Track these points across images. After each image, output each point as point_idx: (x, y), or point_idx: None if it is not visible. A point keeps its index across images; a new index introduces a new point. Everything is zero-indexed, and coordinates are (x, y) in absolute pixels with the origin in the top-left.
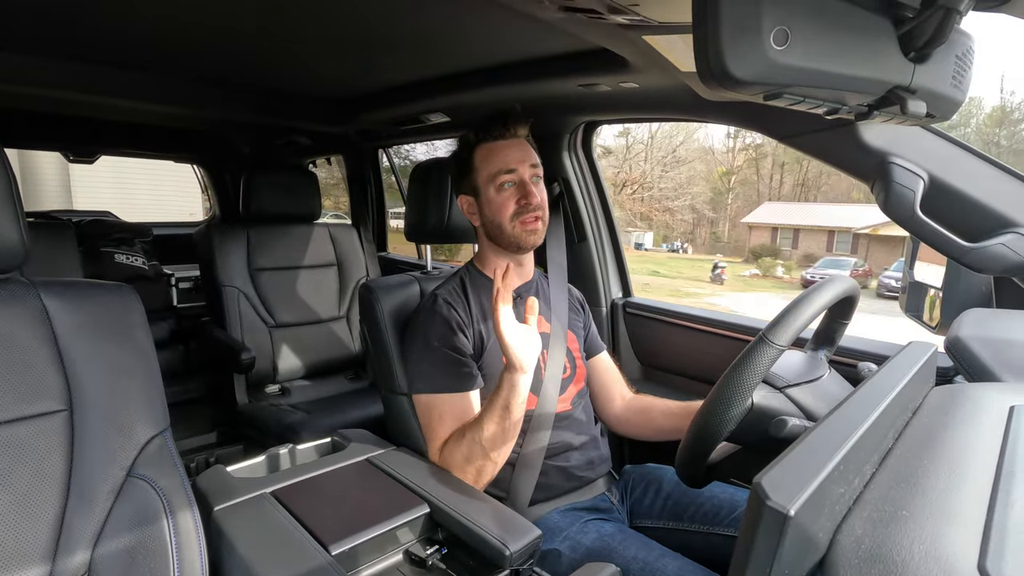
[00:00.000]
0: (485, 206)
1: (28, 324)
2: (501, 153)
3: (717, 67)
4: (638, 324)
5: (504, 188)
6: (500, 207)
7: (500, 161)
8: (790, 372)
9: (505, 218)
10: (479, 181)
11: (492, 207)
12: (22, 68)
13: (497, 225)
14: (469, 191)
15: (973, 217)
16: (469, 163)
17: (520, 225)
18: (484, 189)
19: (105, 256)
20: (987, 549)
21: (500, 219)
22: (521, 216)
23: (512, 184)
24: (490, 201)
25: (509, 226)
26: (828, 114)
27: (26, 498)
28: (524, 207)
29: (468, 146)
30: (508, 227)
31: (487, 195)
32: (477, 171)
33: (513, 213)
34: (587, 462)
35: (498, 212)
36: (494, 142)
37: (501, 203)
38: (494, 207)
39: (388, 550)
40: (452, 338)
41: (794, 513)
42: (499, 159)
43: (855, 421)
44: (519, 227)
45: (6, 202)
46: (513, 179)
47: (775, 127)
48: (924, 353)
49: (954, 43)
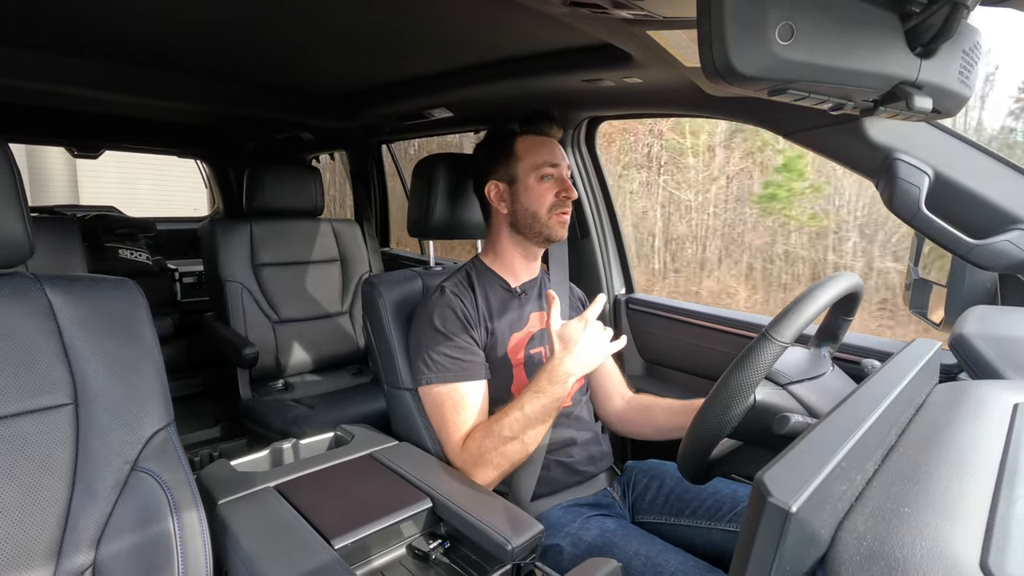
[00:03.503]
0: (522, 194)
1: (33, 318)
2: (546, 147)
3: (721, 62)
4: (641, 320)
5: (545, 180)
6: (539, 196)
7: (547, 154)
8: (793, 369)
9: (543, 208)
10: (520, 169)
11: (531, 195)
12: (26, 63)
13: (532, 213)
14: (503, 178)
15: (978, 214)
16: (509, 151)
17: (555, 217)
18: (524, 178)
19: (109, 251)
20: (990, 546)
21: (537, 207)
22: (558, 209)
23: (552, 178)
24: (529, 189)
25: (545, 216)
26: (833, 110)
27: (32, 492)
28: (563, 200)
29: (509, 135)
30: (544, 217)
31: (526, 183)
32: (519, 159)
33: (552, 205)
34: (588, 457)
35: (536, 200)
36: (537, 136)
37: (541, 192)
38: (533, 195)
39: (391, 544)
40: (462, 328)
41: (796, 510)
42: (545, 152)
43: (858, 418)
44: (554, 219)
45: (11, 197)
46: (555, 173)
47: (779, 123)
48: (928, 350)
49: (961, 38)
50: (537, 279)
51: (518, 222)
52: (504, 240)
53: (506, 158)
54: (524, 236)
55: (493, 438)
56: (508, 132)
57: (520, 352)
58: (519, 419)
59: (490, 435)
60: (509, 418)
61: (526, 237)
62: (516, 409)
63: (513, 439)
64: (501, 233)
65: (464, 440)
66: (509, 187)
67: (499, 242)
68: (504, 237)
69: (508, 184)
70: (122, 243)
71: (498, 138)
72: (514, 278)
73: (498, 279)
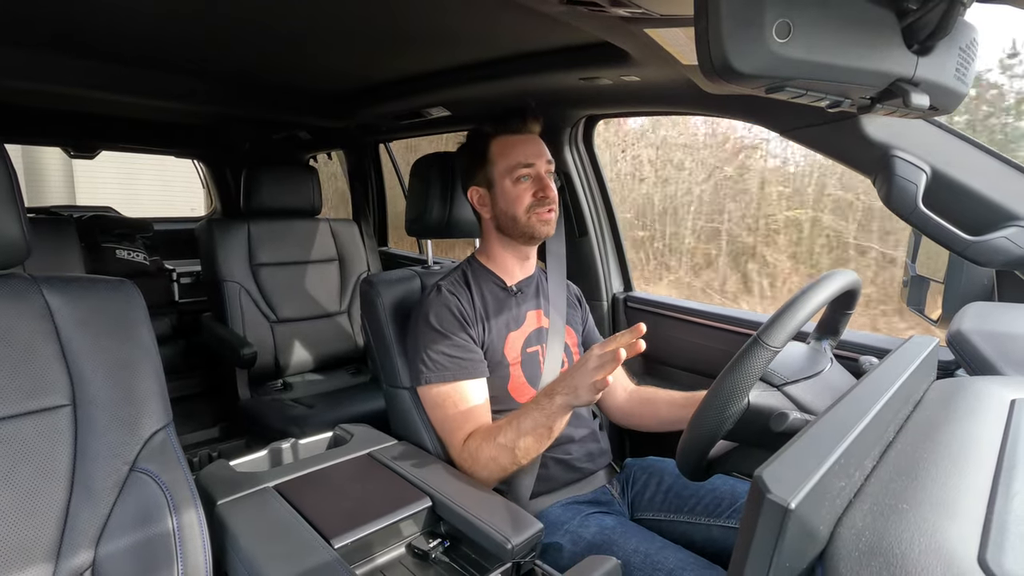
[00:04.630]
0: (499, 198)
1: (31, 319)
2: (519, 147)
3: (719, 60)
4: (639, 318)
5: (521, 181)
6: (516, 199)
7: (519, 155)
8: (789, 369)
9: (520, 210)
10: (495, 173)
11: (507, 199)
12: (21, 63)
13: (511, 216)
14: (482, 183)
15: (975, 210)
16: (484, 155)
17: (535, 216)
18: (500, 181)
19: (106, 252)
20: (987, 542)
21: (515, 211)
22: (536, 209)
23: (528, 178)
24: (505, 193)
25: (524, 217)
26: (830, 107)
27: (31, 494)
28: (541, 200)
29: (483, 138)
30: (523, 218)
31: (502, 187)
32: (493, 163)
33: (529, 206)
34: (586, 454)
35: (513, 204)
36: (511, 136)
37: (517, 195)
38: (510, 199)
39: (391, 544)
40: (460, 327)
41: (795, 506)
42: (518, 153)
43: (856, 415)
44: (534, 218)
45: (7, 198)
46: (530, 173)
47: (776, 121)
48: (926, 347)
49: (958, 35)
50: (534, 277)
51: (501, 225)
52: (494, 241)
53: (482, 163)
54: (510, 237)
55: (489, 444)
56: (482, 135)
57: (517, 351)
58: (515, 428)
59: (487, 440)
60: (506, 427)
61: (512, 238)
62: (514, 419)
63: (506, 447)
64: (490, 235)
65: (465, 440)
66: (488, 191)
67: (490, 243)
68: (493, 238)
69: (487, 189)
70: (119, 243)
71: (473, 142)
72: (509, 277)
73: (494, 277)
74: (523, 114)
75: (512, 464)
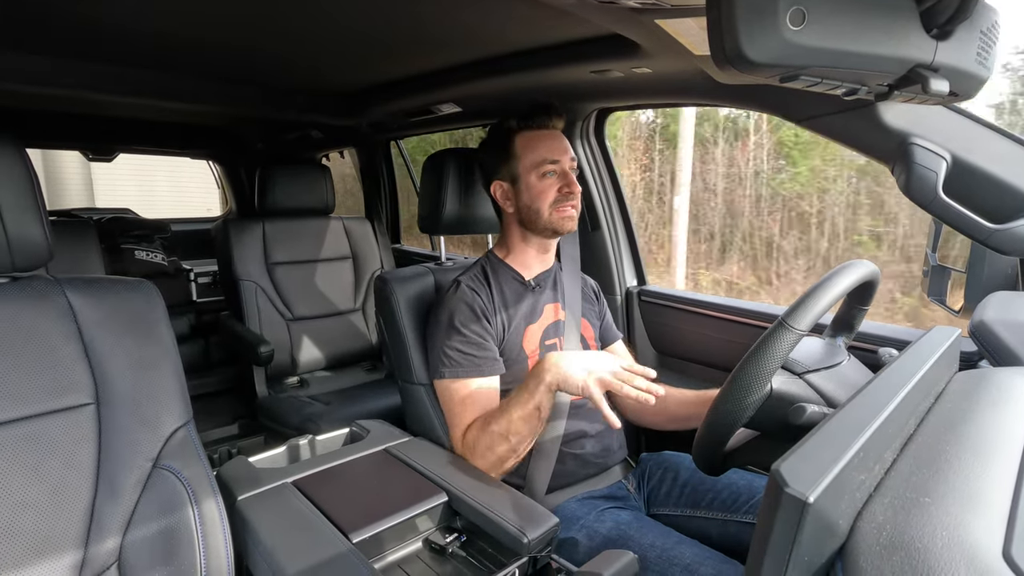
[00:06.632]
0: (524, 192)
1: (54, 320)
2: (545, 143)
3: (732, 50)
4: (653, 312)
5: (547, 176)
6: (540, 194)
7: (545, 150)
8: (809, 358)
9: (545, 205)
10: (520, 168)
11: (532, 193)
12: (39, 69)
13: (535, 211)
14: (506, 178)
15: (998, 198)
16: (508, 150)
17: (558, 212)
18: (525, 176)
19: (126, 253)
20: (1012, 536)
21: (539, 205)
22: (560, 204)
23: (554, 174)
24: (530, 188)
25: (547, 212)
26: (847, 95)
27: (58, 489)
28: (566, 195)
29: (507, 133)
30: (546, 213)
31: (527, 182)
32: (518, 158)
33: (553, 201)
34: (602, 449)
35: (538, 199)
36: (536, 131)
37: (542, 190)
38: (534, 193)
39: (408, 538)
40: (477, 323)
41: (813, 500)
42: (544, 148)
43: (876, 407)
44: (556, 214)
45: (30, 203)
46: (555, 169)
47: (792, 110)
48: (947, 338)
49: (978, 18)
50: (551, 271)
51: (524, 219)
52: (515, 236)
53: (506, 157)
54: (533, 231)
55: (484, 432)
56: (506, 130)
57: (535, 344)
58: (505, 413)
59: (482, 429)
60: (497, 413)
61: (535, 232)
62: (504, 403)
63: (499, 434)
64: (512, 229)
65: (465, 432)
66: (512, 186)
67: (511, 238)
68: (515, 233)
69: (511, 183)
70: (138, 244)
71: (497, 137)
72: (527, 271)
73: (512, 272)
74: (548, 110)
75: (509, 451)
